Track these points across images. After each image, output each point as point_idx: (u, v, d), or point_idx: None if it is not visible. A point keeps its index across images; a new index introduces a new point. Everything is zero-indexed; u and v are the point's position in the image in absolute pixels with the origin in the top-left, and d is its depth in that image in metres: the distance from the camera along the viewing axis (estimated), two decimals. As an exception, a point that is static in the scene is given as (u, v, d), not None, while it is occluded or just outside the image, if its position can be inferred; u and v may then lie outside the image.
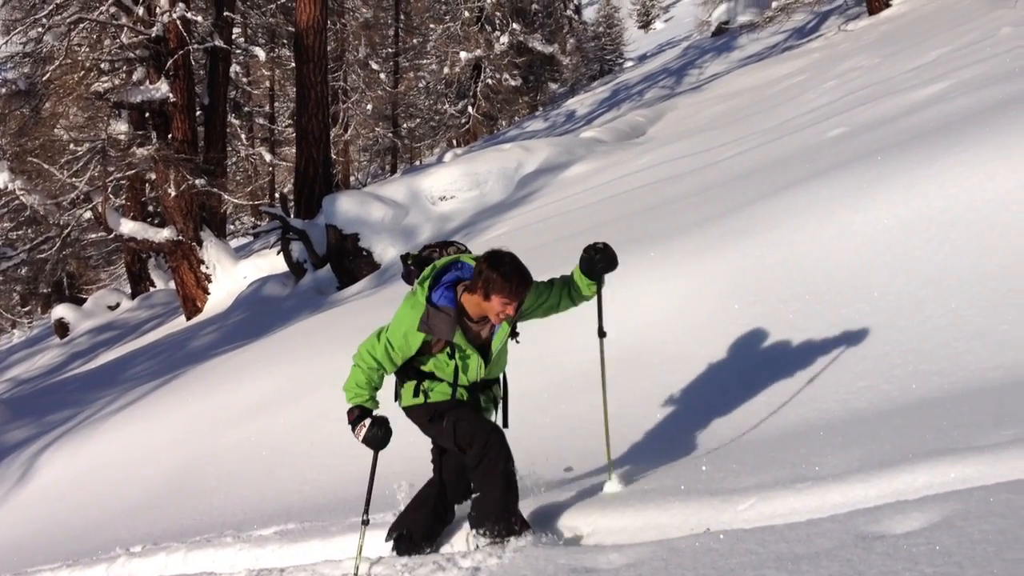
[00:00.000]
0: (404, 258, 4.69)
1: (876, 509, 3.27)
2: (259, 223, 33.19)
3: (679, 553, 3.52)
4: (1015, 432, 3.66)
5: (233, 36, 25.87)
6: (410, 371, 4.60)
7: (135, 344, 20.12)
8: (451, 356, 4.46)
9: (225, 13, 22.18)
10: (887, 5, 20.19)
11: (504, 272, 4.16)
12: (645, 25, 66.80)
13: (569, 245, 9.33)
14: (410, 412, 4.67)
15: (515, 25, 36.35)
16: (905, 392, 4.82)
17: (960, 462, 3.52)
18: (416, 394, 4.59)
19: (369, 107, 36.50)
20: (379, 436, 4.46)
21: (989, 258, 5.47)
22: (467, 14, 36.77)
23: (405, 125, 41.44)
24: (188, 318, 19.88)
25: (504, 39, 36.14)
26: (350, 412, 4.51)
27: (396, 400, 4.73)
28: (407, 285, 4.69)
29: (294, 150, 22.24)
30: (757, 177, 8.98)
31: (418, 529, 4.80)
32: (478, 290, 4.23)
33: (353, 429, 4.50)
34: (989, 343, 4.90)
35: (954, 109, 8.05)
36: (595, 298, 4.67)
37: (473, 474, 4.47)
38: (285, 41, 30.84)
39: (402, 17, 39.05)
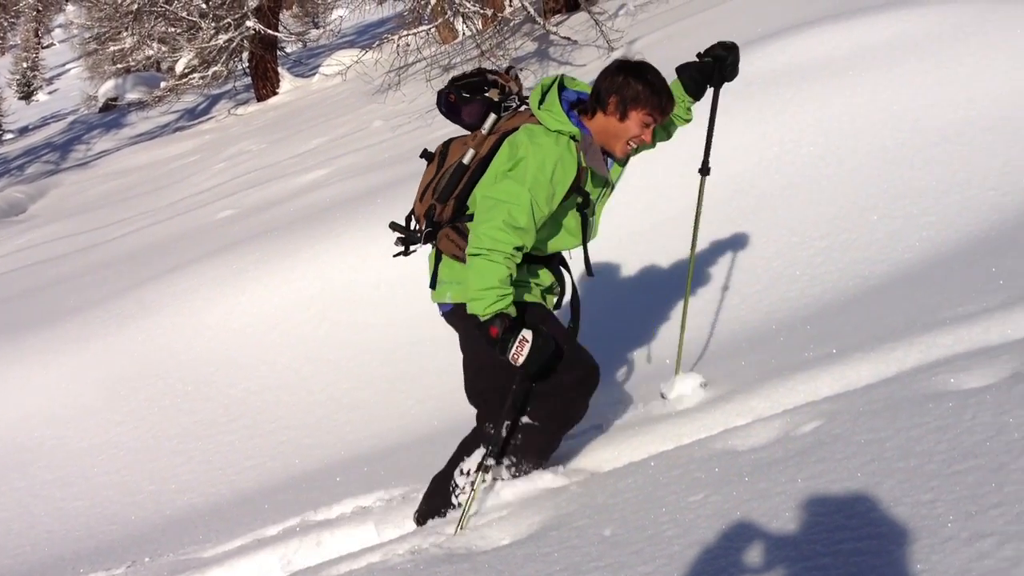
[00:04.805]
0: (458, 87, 3.37)
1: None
2: None
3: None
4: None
5: None
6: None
7: None
8: (580, 207, 3.27)
9: None
10: (274, 93, 21.19)
11: (650, 82, 3.16)
12: (27, 96, 62.12)
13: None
14: (468, 318, 3.22)
15: None
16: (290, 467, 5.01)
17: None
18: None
19: None
20: (549, 347, 3.12)
21: (358, 334, 5.96)
22: None
23: None
24: None
25: None
26: (492, 326, 3.06)
27: (437, 294, 3.44)
28: None
29: None
30: (146, 258, 8.81)
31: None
32: (609, 109, 3.18)
33: (505, 348, 3.05)
34: (364, 415, 5.30)
35: (332, 194, 8.68)
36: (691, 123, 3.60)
37: (543, 400, 3.32)
38: None
39: None
